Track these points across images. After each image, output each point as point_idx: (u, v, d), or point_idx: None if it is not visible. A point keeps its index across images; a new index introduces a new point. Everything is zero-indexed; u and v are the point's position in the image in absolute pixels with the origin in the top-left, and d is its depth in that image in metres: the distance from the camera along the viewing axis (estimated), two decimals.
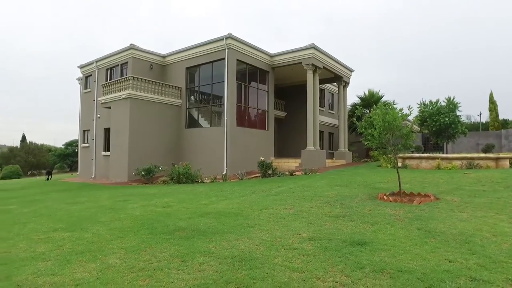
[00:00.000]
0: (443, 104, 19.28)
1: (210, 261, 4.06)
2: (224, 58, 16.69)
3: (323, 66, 19.27)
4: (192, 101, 19.28)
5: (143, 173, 14.51)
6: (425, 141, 26.29)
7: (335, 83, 24.27)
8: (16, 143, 74.56)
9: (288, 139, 23.88)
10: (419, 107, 20.32)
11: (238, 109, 17.42)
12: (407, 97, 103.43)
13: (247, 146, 17.35)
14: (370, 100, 26.13)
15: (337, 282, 3.36)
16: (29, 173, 51.19)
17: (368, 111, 24.19)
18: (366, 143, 8.64)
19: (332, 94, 28.39)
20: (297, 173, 15.45)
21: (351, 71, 23.11)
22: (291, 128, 23.98)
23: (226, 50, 16.56)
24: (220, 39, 16.80)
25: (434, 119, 18.71)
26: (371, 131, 8.19)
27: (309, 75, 18.46)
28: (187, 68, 18.85)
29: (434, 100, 19.60)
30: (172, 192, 10.75)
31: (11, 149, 59.95)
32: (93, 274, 3.78)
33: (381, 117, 7.92)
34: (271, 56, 19.25)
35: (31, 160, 53.49)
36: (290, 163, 18.31)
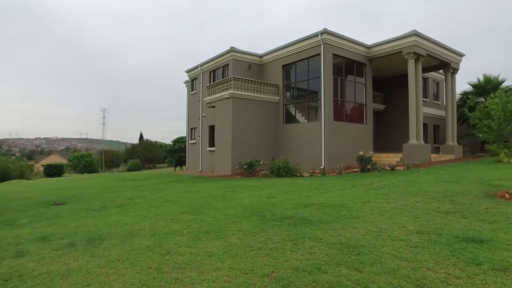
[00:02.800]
0: None
1: (319, 245, 4.45)
2: (319, 54, 16.82)
3: (427, 54, 17.80)
4: (289, 98, 19.89)
5: (245, 166, 15.71)
6: None
7: (441, 71, 22.12)
8: (135, 140, 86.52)
9: (388, 132, 22.73)
10: None
11: (335, 104, 17.37)
12: None
13: (345, 141, 17.19)
14: (486, 87, 22.99)
15: (449, 275, 3.40)
16: (146, 166, 59.02)
17: (484, 100, 21.40)
18: (481, 135, 7.92)
19: (437, 83, 25.89)
20: (398, 168, 14.77)
21: (461, 55, 20.73)
22: (390, 121, 22.77)
23: (322, 46, 16.65)
24: (315, 35, 16.96)
25: None
26: (488, 122, 7.49)
27: (411, 64, 17.29)
28: (283, 66, 19.51)
29: None
30: (274, 185, 11.49)
31: (133, 146, 70.07)
32: (220, 249, 4.52)
33: (501, 106, 7.18)
34: (368, 47, 18.58)
35: (147, 155, 61.69)
36: (390, 158, 17.50)
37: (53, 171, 38.07)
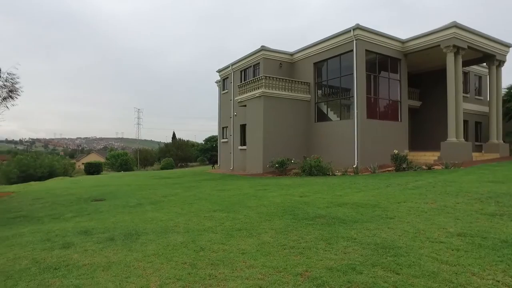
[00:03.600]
0: None
1: (353, 245, 4.35)
2: (352, 50, 16.44)
3: (468, 46, 16.84)
4: (320, 95, 19.61)
5: (277, 165, 15.69)
6: None
7: (485, 64, 20.86)
8: (169, 139, 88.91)
9: (424, 130, 21.81)
10: None
11: (368, 101, 16.91)
12: None
13: (379, 139, 16.71)
14: None
15: (499, 282, 3.18)
16: (179, 165, 60.46)
17: None
18: None
19: (480, 77, 24.47)
20: (435, 167, 14.14)
21: (508, 46, 19.37)
22: (427, 118, 21.82)
23: (354, 42, 16.26)
24: (347, 31, 16.59)
25: None
26: None
27: (450, 58, 16.46)
28: (315, 64, 19.26)
29: None
30: (305, 184, 11.39)
31: (166, 145, 72.04)
32: (253, 247, 4.54)
33: None
34: (403, 42, 17.91)
35: (180, 154, 63.14)
36: (427, 156, 16.78)
37: (92, 169, 40.01)
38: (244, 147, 20.96)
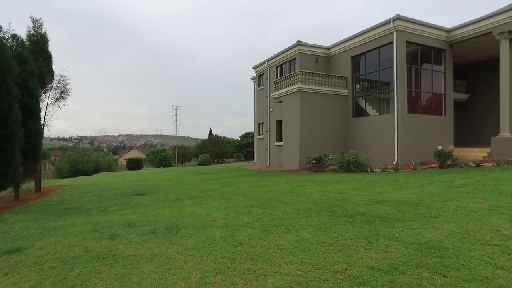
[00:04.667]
0: None
1: (395, 244, 4.19)
2: (392, 42, 15.77)
3: None
4: (358, 90, 19.06)
5: (313, 161, 15.50)
6: None
7: None
8: (205, 136, 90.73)
9: (472, 125, 20.49)
10: None
11: (409, 95, 16.18)
12: None
13: (420, 134, 15.94)
14: None
15: None
16: (215, 161, 61.58)
17: None
18: None
19: None
20: (485, 164, 13.26)
21: None
22: (475, 112, 20.48)
23: (394, 33, 15.59)
24: (386, 23, 15.94)
25: None
26: None
27: (504, 45, 15.21)
28: (352, 57, 18.73)
29: None
30: (343, 180, 11.15)
31: (203, 141, 73.64)
32: (291, 243, 4.52)
33: None
34: (448, 31, 16.88)
35: (216, 150, 64.28)
36: (475, 153, 15.76)
37: (133, 164, 41.89)
38: (280, 143, 20.91)
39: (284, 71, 21.97)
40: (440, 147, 13.94)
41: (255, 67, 26.19)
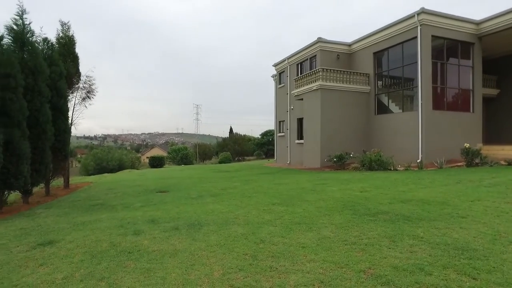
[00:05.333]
0: None
1: (420, 244, 4.10)
2: (416, 37, 15.34)
3: None
4: (381, 87, 18.68)
5: (335, 159, 15.35)
6: None
7: None
8: (226, 134, 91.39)
9: (502, 121, 19.61)
10: None
11: (434, 91, 15.70)
12: None
13: (446, 131, 15.45)
14: None
15: None
16: (236, 159, 61.92)
17: None
18: None
19: None
20: None
21: None
22: (506, 108, 19.58)
23: (419, 27, 15.15)
24: (410, 17, 15.51)
25: None
26: None
27: None
28: (374, 53, 18.35)
29: None
30: (365, 178, 10.98)
31: (224, 139, 74.20)
32: (313, 241, 4.50)
33: None
34: (477, 23, 16.22)
35: (237, 148, 64.61)
36: (506, 151, 15.10)
37: (156, 162, 42.68)
38: (301, 141, 20.80)
39: (304, 68, 21.82)
40: (468, 144, 13.49)
41: (275, 65, 26.13)
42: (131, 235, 5.18)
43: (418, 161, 14.47)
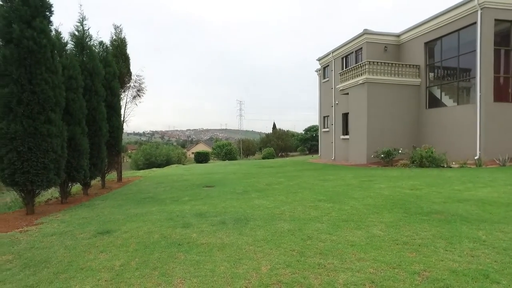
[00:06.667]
0: None
1: (482, 248, 3.80)
2: (475, 23, 14.18)
3: None
4: (433, 79, 17.58)
5: (382, 155, 14.76)
6: None
7: None
8: (269, 130, 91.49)
9: None
10: None
11: (496, 81, 14.42)
12: None
13: (510, 125, 14.15)
14: None
15: None
16: (279, 154, 61.80)
17: None
18: None
19: None
20: None
21: None
22: None
23: (479, 12, 13.96)
24: (469, 1, 14.34)
25: None
26: None
27: None
28: (426, 43, 17.29)
29: None
30: (416, 176, 10.43)
31: (267, 135, 74.37)
32: (362, 240, 4.36)
33: None
34: None
35: (280, 143, 64.44)
36: None
37: (201, 158, 43.89)
38: (346, 136, 20.25)
39: (350, 62, 21.16)
40: None
41: (319, 59, 25.64)
42: (180, 227, 5.37)
43: (475, 157, 13.45)
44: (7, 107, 6.67)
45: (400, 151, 15.06)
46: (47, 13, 7.28)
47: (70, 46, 9.94)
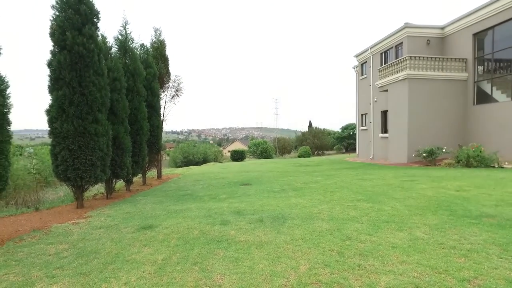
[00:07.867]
0: None
1: None
2: None
3: None
4: (482, 73, 16.47)
5: (424, 154, 14.09)
6: None
7: None
8: (305, 128, 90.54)
9: None
10: None
11: None
12: None
13: None
14: None
15: None
16: (315, 153, 60.97)
17: None
18: None
19: None
20: None
21: None
22: None
23: None
24: None
25: None
26: None
27: None
28: (474, 34, 16.22)
29: None
30: (462, 176, 9.86)
31: (303, 133, 73.65)
32: (404, 242, 4.20)
33: None
34: None
35: (316, 142, 63.54)
36: None
37: (237, 156, 44.42)
38: (385, 134, 19.58)
39: (389, 57, 20.40)
40: None
41: (356, 56, 24.96)
42: (218, 224, 5.48)
43: None
44: (61, 108, 7.18)
45: (444, 150, 14.29)
46: (95, 19, 7.73)
47: (114, 49, 10.47)
